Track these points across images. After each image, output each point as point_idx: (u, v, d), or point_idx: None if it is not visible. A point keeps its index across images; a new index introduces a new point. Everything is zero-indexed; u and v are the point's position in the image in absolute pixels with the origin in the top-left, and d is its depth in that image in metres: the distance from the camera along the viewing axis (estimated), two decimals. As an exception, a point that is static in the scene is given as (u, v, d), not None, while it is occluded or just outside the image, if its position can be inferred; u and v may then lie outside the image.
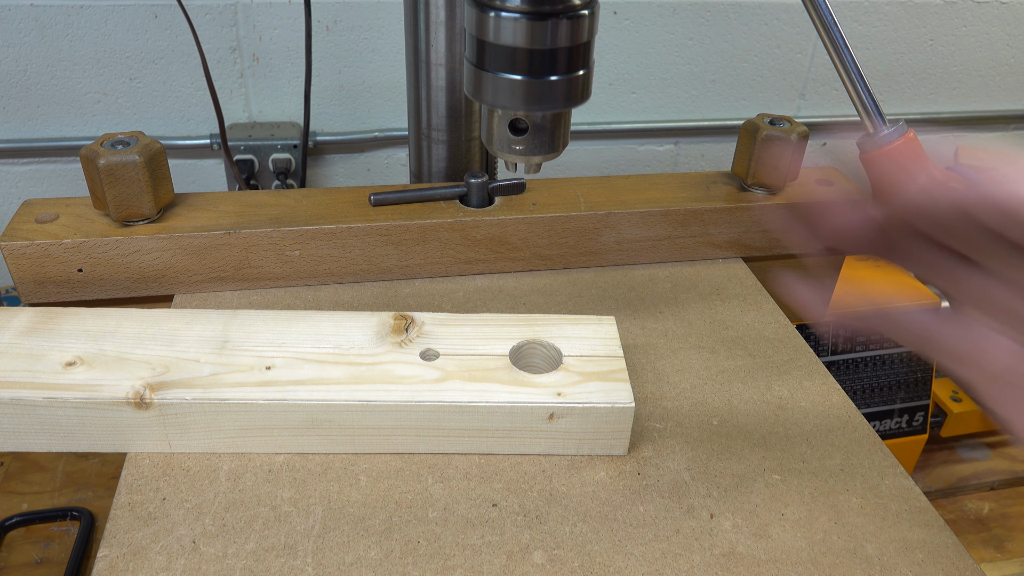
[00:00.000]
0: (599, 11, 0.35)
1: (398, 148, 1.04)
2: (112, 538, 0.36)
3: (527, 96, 0.35)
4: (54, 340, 0.41)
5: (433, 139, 0.59)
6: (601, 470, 0.41)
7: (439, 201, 0.55)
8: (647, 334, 0.50)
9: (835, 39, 0.38)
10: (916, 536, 0.38)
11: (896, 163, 0.38)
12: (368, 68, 0.97)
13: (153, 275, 0.50)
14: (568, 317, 0.44)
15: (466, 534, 0.37)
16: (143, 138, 0.48)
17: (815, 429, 0.44)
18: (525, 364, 0.42)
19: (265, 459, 0.40)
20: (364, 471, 0.40)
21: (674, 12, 1.02)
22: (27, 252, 0.47)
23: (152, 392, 0.38)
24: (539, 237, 0.55)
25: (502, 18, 0.34)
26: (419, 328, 0.43)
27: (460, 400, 0.39)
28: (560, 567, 0.36)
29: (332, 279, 0.53)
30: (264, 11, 0.91)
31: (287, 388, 0.39)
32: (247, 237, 0.50)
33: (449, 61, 0.55)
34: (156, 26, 0.89)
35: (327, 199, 0.54)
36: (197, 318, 0.43)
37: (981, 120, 1.22)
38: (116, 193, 0.47)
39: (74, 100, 0.91)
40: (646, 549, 0.37)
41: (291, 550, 0.35)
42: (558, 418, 0.39)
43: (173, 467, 0.39)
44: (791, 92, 1.12)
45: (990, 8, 1.11)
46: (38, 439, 0.39)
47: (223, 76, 0.94)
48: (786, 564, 0.36)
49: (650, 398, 0.45)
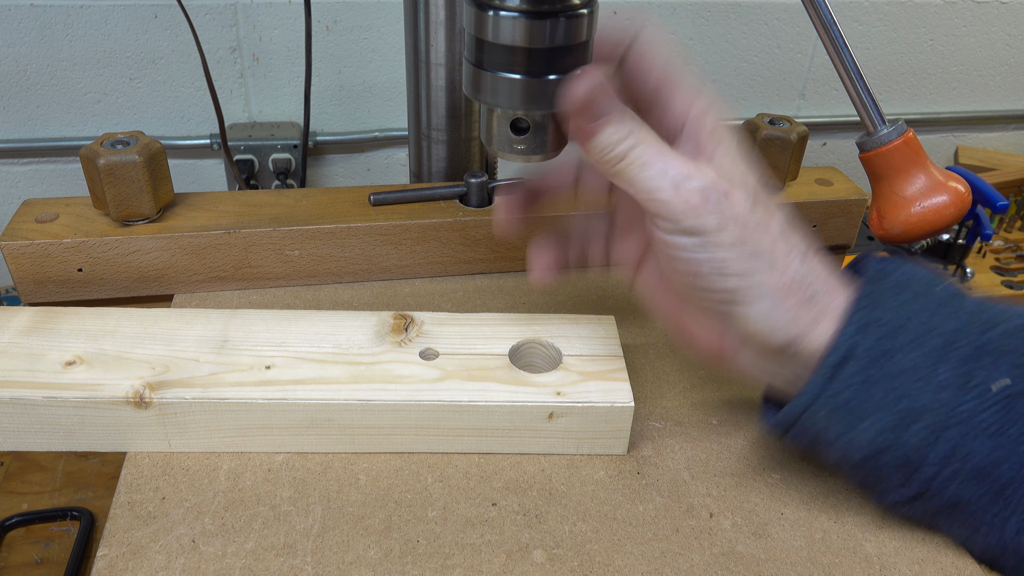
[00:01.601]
0: (599, 10, 0.35)
1: (398, 148, 1.04)
2: (112, 537, 0.36)
3: (526, 95, 0.35)
4: (54, 340, 0.41)
5: (433, 139, 0.59)
6: (601, 469, 0.41)
7: (439, 201, 0.55)
8: (647, 334, 0.50)
9: (835, 39, 0.38)
10: (916, 535, 0.38)
11: (896, 163, 0.38)
12: (368, 68, 0.97)
13: (153, 275, 0.50)
14: (568, 317, 0.45)
15: (466, 533, 0.37)
16: (143, 138, 0.48)
17: (815, 428, 0.44)
18: (525, 363, 0.42)
19: (265, 458, 0.40)
20: (364, 470, 0.40)
21: (674, 12, 1.02)
22: (27, 252, 0.47)
23: (152, 391, 0.38)
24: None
25: (501, 17, 0.34)
26: (419, 327, 0.43)
27: (460, 399, 0.39)
28: (560, 566, 0.36)
29: (332, 279, 0.53)
30: (264, 11, 0.91)
31: (287, 387, 0.39)
32: (247, 237, 0.50)
33: (449, 61, 0.55)
34: (156, 26, 0.89)
35: (327, 199, 0.54)
36: (197, 318, 0.43)
37: (981, 120, 1.22)
38: (116, 193, 0.47)
39: (74, 100, 0.92)
40: (645, 548, 0.37)
41: (290, 549, 0.36)
42: (558, 417, 0.39)
43: (173, 466, 0.39)
44: (791, 92, 1.12)
45: (990, 8, 1.11)
46: (38, 438, 0.39)
47: (223, 76, 0.94)
48: (785, 563, 0.36)
49: (650, 398, 0.45)
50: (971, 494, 0.34)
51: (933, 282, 0.35)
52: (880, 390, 0.33)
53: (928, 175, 0.37)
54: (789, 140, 0.55)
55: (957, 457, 0.33)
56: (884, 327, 0.34)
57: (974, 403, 0.33)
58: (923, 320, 0.34)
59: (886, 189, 0.38)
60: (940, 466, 0.33)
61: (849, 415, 0.34)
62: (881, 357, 0.33)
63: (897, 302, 0.34)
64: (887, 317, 0.34)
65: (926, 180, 0.37)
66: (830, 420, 0.35)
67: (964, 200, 0.37)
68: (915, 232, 0.37)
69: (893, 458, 0.34)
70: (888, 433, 0.34)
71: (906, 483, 0.35)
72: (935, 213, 0.37)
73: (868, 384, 0.34)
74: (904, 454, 0.34)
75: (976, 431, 0.33)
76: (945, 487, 0.34)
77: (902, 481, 0.35)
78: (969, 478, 0.33)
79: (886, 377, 0.33)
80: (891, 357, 0.33)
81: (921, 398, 0.33)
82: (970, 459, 0.33)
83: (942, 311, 0.34)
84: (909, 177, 0.38)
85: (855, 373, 0.34)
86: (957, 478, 0.33)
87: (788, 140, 0.55)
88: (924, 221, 0.37)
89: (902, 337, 0.34)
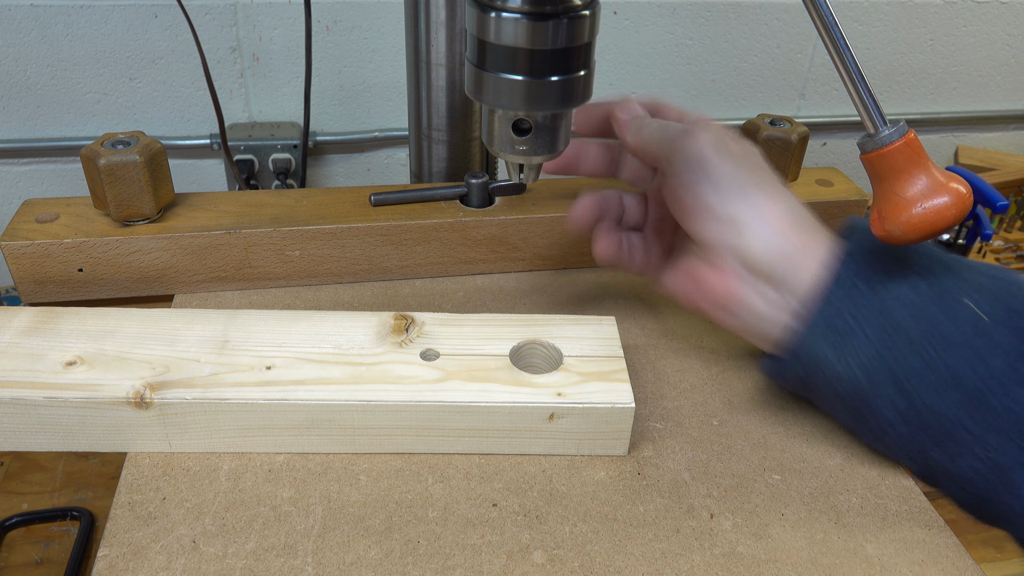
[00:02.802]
0: (600, 11, 0.35)
1: (398, 148, 1.04)
2: (112, 538, 0.36)
3: (528, 96, 0.35)
4: (54, 340, 0.41)
5: (433, 139, 0.59)
6: (601, 470, 0.41)
7: (439, 201, 0.55)
8: (647, 334, 0.50)
9: (835, 39, 0.38)
10: (916, 536, 0.38)
11: (897, 164, 0.38)
12: (368, 68, 0.97)
13: (153, 275, 0.50)
14: (568, 317, 0.45)
15: (466, 534, 0.37)
16: (143, 138, 0.48)
17: (815, 429, 0.44)
18: (525, 364, 0.42)
19: (265, 459, 0.40)
20: (364, 471, 0.40)
21: (674, 12, 1.02)
22: (27, 252, 0.47)
23: (152, 392, 0.38)
24: (539, 237, 0.55)
25: (503, 19, 0.34)
26: (419, 328, 0.43)
27: (460, 400, 0.39)
28: (560, 567, 0.36)
29: (332, 279, 0.53)
30: (264, 11, 0.91)
31: (287, 388, 0.39)
32: (247, 237, 0.50)
33: (449, 61, 0.55)
34: (156, 26, 0.89)
35: (327, 199, 0.54)
36: (197, 318, 0.43)
37: (981, 120, 1.22)
38: (116, 193, 0.47)
39: (74, 100, 0.91)
40: (646, 549, 0.37)
41: (291, 550, 0.36)
42: (558, 418, 0.39)
43: (173, 467, 0.39)
44: (791, 92, 1.12)
45: (990, 8, 1.11)
46: (38, 439, 0.39)
47: (223, 76, 0.94)
48: (786, 564, 0.36)
49: (650, 398, 0.45)
50: (949, 404, 0.37)
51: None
52: (865, 310, 0.38)
53: (929, 176, 0.37)
54: (790, 141, 0.55)
55: (937, 369, 0.37)
56: (865, 253, 0.40)
57: (946, 317, 0.37)
58: (897, 255, 0.40)
59: (887, 190, 0.38)
60: (923, 378, 0.37)
61: (841, 335, 0.39)
62: (863, 280, 0.39)
63: (873, 243, 0.40)
64: (868, 246, 0.40)
65: (927, 181, 0.37)
66: (825, 342, 0.39)
67: (965, 201, 0.37)
68: (916, 233, 0.37)
69: (883, 376, 0.38)
70: (875, 347, 0.38)
71: (896, 401, 0.38)
72: (936, 214, 0.37)
73: (855, 304, 0.39)
74: (892, 370, 0.38)
75: (950, 344, 0.37)
76: (932, 401, 0.37)
77: (893, 400, 0.38)
78: (952, 391, 0.36)
79: (869, 297, 0.39)
80: (871, 281, 0.39)
81: (900, 314, 0.38)
82: (949, 371, 0.37)
83: (917, 249, 0.40)
84: (910, 178, 0.38)
85: (843, 295, 0.39)
86: (940, 391, 0.37)
87: (789, 141, 0.55)
88: (925, 222, 0.37)
89: (880, 262, 0.39)
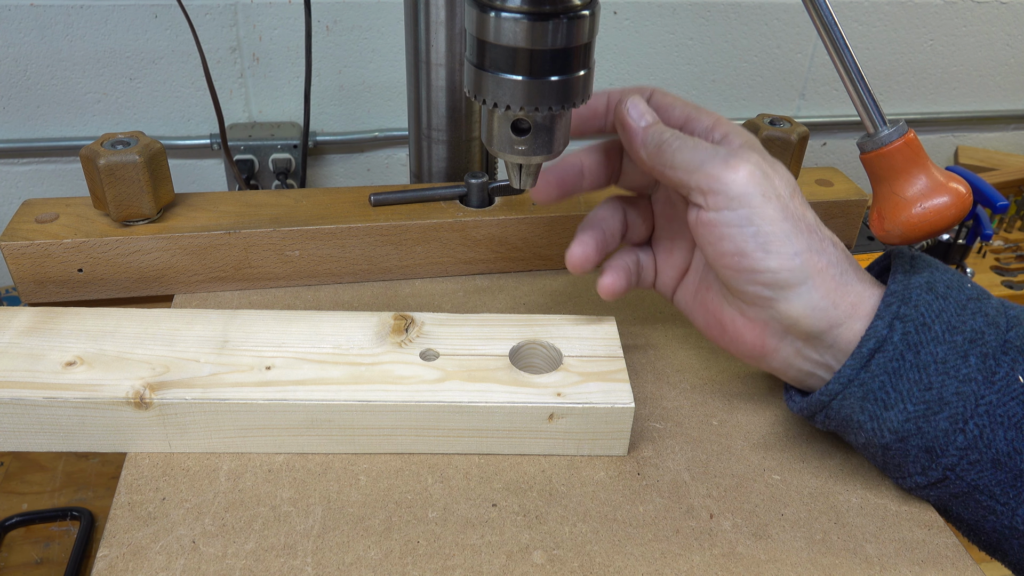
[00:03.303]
0: (600, 11, 0.35)
1: (398, 148, 1.04)
2: (112, 538, 0.36)
3: (528, 96, 0.35)
4: (54, 340, 0.41)
5: (433, 139, 0.59)
6: (601, 470, 0.41)
7: (439, 201, 0.55)
8: (647, 334, 0.50)
9: (835, 39, 0.38)
10: (916, 536, 0.38)
11: (897, 164, 0.38)
12: (368, 68, 0.97)
13: (153, 275, 0.50)
14: (568, 317, 0.44)
15: (466, 534, 0.37)
16: (143, 138, 0.48)
17: (815, 429, 0.44)
18: (525, 364, 0.42)
19: (265, 459, 0.40)
20: (364, 471, 0.40)
21: (674, 12, 1.02)
22: (27, 252, 0.47)
23: (152, 392, 0.38)
24: (539, 237, 0.55)
25: (503, 19, 0.34)
26: (419, 328, 0.43)
27: (460, 400, 0.39)
28: (560, 567, 0.36)
29: (332, 279, 0.53)
30: (264, 11, 0.91)
31: (287, 388, 0.39)
32: (247, 237, 0.50)
33: (449, 61, 0.55)
34: (156, 26, 0.89)
35: (327, 199, 0.54)
36: (197, 318, 0.43)
37: (981, 120, 1.22)
38: (116, 193, 0.47)
39: (74, 100, 0.91)
40: (646, 549, 0.37)
41: (291, 550, 0.36)
42: (558, 418, 0.39)
43: (173, 467, 0.39)
44: (791, 92, 1.12)
45: (990, 8, 1.11)
46: (38, 439, 0.39)
47: (223, 76, 0.94)
48: (786, 564, 0.36)
49: (650, 398, 0.45)
50: (989, 481, 0.35)
51: (959, 282, 0.38)
52: (908, 381, 0.36)
53: (929, 176, 0.37)
54: (790, 141, 0.55)
55: (978, 447, 0.35)
56: (913, 322, 0.36)
57: (997, 396, 0.35)
58: (949, 317, 0.36)
59: (887, 190, 0.38)
60: (961, 455, 0.36)
61: (878, 403, 0.36)
62: (910, 350, 0.36)
63: (925, 299, 0.36)
64: (916, 312, 0.36)
65: (927, 181, 0.37)
66: (860, 406, 0.37)
67: (965, 201, 0.37)
68: (916, 233, 0.37)
69: (917, 445, 0.36)
70: (914, 421, 0.36)
71: (928, 469, 0.37)
72: (936, 214, 0.37)
73: (897, 374, 0.36)
74: (928, 442, 0.36)
75: (998, 422, 0.35)
76: (965, 474, 0.36)
77: (925, 467, 0.37)
78: (988, 466, 0.35)
79: (914, 369, 0.36)
80: (919, 350, 0.36)
81: (947, 390, 0.35)
82: (991, 448, 0.35)
83: (967, 309, 0.36)
84: (910, 178, 0.38)
85: (885, 363, 0.36)
86: (977, 466, 0.35)
87: (789, 141, 0.55)
88: (925, 222, 0.37)
89: (930, 332, 0.36)
